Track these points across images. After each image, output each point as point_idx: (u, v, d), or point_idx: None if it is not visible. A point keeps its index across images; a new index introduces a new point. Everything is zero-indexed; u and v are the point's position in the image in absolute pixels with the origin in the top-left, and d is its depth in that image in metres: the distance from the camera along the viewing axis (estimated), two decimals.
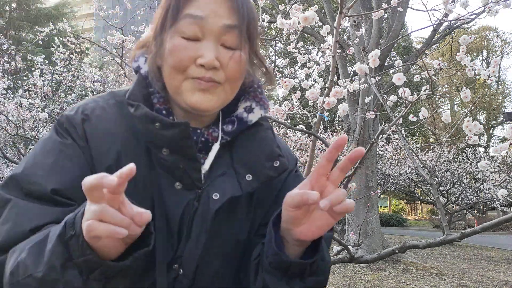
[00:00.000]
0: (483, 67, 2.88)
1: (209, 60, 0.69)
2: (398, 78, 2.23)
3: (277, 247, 0.70)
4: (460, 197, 15.43)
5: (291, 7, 2.59)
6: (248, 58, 0.78)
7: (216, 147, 0.78)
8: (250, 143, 0.79)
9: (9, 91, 8.28)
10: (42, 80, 7.82)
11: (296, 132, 12.37)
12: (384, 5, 4.69)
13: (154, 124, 0.70)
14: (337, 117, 12.00)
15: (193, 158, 0.74)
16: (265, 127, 0.82)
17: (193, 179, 0.75)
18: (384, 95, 3.05)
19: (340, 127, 12.30)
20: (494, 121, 30.02)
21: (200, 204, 0.75)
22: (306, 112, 3.31)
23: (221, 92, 0.74)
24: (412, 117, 3.17)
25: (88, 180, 0.51)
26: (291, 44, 3.57)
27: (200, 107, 0.72)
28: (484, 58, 30.58)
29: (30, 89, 8.09)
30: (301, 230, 0.68)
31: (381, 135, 3.17)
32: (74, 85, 8.27)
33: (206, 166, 0.77)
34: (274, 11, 9.07)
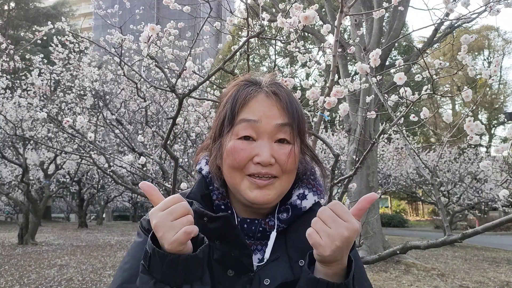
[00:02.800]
0: (484, 67, 2.85)
1: (265, 158, 0.77)
2: (399, 78, 2.19)
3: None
4: (462, 197, 15.40)
5: (291, 6, 2.55)
6: (300, 150, 0.84)
7: (273, 235, 0.82)
8: (303, 229, 0.78)
9: (7, 90, 8.26)
10: (41, 80, 7.79)
11: None
12: (385, 4, 4.66)
13: (203, 219, 0.78)
14: (338, 116, 11.97)
15: (242, 245, 0.79)
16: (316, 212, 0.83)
17: (245, 265, 0.79)
18: (385, 95, 3.02)
19: (341, 127, 12.28)
20: (495, 121, 29.97)
21: (252, 287, 0.79)
22: (307, 112, 3.28)
23: (278, 186, 0.80)
24: (413, 117, 3.14)
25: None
26: (292, 43, 3.54)
27: (259, 202, 0.79)
28: (485, 58, 30.52)
29: (28, 88, 8.07)
30: (322, 244, 0.70)
31: (382, 135, 3.13)
32: (72, 85, 8.24)
33: (267, 255, 0.81)
34: (274, 10, 9.03)
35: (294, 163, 0.81)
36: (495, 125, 30.28)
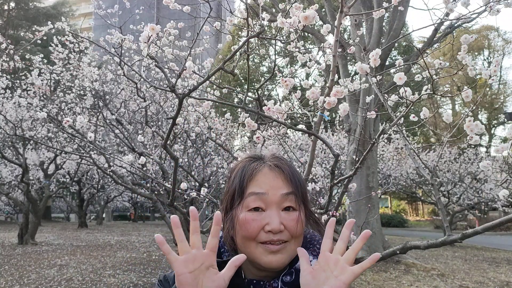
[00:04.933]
0: (484, 67, 2.84)
1: (275, 226, 0.83)
2: (399, 78, 2.19)
3: None
4: (462, 197, 15.41)
5: (291, 6, 2.55)
6: (305, 216, 0.91)
7: None
8: None
9: (7, 90, 8.25)
10: (41, 80, 7.79)
11: (297, 132, 12.36)
12: (385, 4, 4.66)
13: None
14: (338, 116, 11.97)
15: None
16: None
17: None
18: (385, 95, 3.02)
19: (341, 127, 12.27)
20: (495, 121, 29.97)
21: None
22: (307, 112, 3.28)
23: (289, 250, 0.86)
24: (413, 117, 3.13)
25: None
26: (291, 43, 3.53)
27: (274, 266, 0.85)
28: (485, 58, 30.53)
29: (28, 88, 8.06)
30: None
31: (382, 135, 3.14)
32: (72, 85, 8.24)
33: None
34: (274, 10, 9.04)
35: (300, 228, 0.87)
36: (495, 125, 30.28)
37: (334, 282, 0.77)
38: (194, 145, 7.39)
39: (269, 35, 3.17)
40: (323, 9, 10.15)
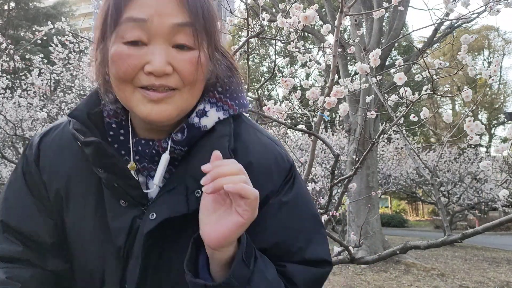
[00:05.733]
0: (484, 67, 2.85)
1: (158, 66, 0.62)
2: (399, 78, 2.19)
3: (191, 264, 0.64)
4: (462, 197, 15.41)
5: (291, 6, 2.56)
6: (209, 56, 0.68)
7: (164, 158, 0.69)
8: (203, 154, 0.68)
9: (7, 90, 8.26)
10: (41, 80, 7.80)
11: (297, 132, 12.36)
12: (385, 4, 4.66)
13: (78, 142, 0.69)
14: (338, 116, 11.97)
15: (124, 175, 0.69)
16: (218, 134, 0.71)
17: (133, 197, 0.70)
18: (385, 95, 3.02)
19: (341, 127, 12.28)
20: (495, 121, 29.98)
21: (141, 223, 0.69)
22: (307, 112, 3.28)
23: (179, 100, 0.66)
24: (413, 117, 3.14)
25: None
26: (291, 43, 3.54)
27: (154, 119, 0.65)
28: (485, 58, 30.53)
29: (28, 88, 8.07)
30: (206, 229, 0.61)
31: (382, 135, 3.15)
32: (72, 85, 8.25)
33: (156, 180, 0.69)
34: (274, 10, 9.04)
35: (198, 72, 0.65)
36: (495, 125, 30.28)
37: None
38: None
39: (269, 35, 3.17)
40: (323, 9, 10.16)
